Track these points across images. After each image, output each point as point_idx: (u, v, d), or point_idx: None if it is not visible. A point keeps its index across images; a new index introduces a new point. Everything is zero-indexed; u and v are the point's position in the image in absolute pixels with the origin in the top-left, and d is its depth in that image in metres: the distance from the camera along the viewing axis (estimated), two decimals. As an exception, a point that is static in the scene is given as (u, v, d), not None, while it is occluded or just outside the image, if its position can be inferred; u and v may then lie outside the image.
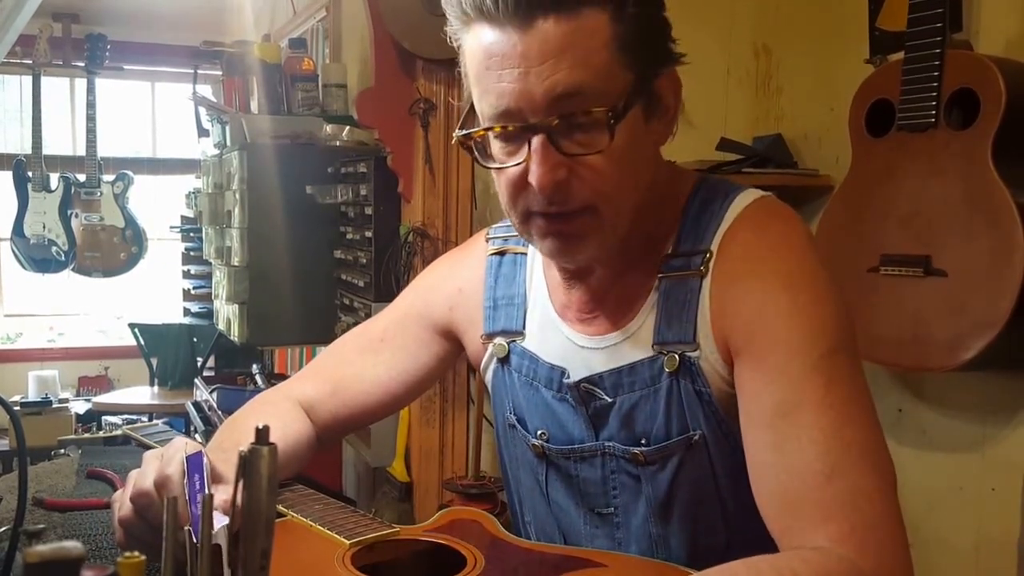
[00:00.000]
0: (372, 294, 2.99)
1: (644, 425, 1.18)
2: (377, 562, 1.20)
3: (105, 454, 1.61)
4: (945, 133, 1.96)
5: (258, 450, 0.83)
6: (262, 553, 0.82)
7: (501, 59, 1.05)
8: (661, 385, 1.16)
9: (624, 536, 1.23)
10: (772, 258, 1.12)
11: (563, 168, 1.06)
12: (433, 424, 2.91)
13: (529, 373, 1.28)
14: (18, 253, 6.04)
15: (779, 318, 1.09)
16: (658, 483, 1.18)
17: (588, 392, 1.21)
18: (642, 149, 1.12)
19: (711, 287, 1.14)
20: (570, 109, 1.04)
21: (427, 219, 2.88)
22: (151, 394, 5.34)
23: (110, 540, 1.23)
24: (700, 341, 1.13)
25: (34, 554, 0.58)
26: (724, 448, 1.14)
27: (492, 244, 1.38)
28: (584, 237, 1.12)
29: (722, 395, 1.13)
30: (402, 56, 2.83)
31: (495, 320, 1.33)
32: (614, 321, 1.21)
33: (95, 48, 5.89)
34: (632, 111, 1.07)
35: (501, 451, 1.40)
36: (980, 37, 2.09)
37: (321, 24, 4.16)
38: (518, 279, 1.34)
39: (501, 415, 1.35)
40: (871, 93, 2.11)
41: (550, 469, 1.28)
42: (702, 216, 1.18)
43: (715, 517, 1.18)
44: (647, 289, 1.19)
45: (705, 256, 1.15)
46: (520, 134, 1.07)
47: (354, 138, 3.30)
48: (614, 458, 1.21)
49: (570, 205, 1.08)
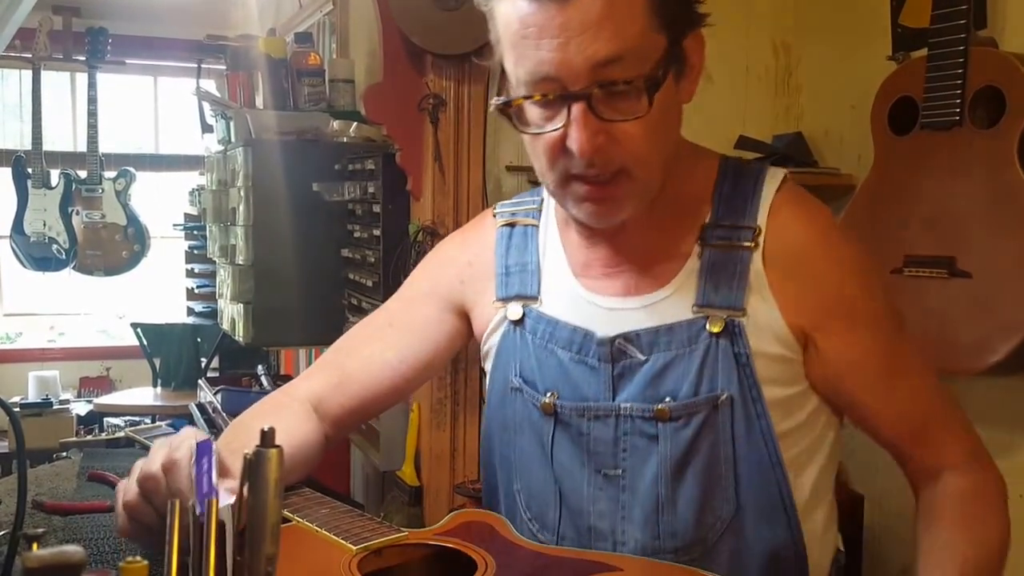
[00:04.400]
0: (380, 294, 2.96)
1: (673, 384, 1.22)
2: (385, 567, 1.19)
3: (107, 457, 1.59)
4: (970, 132, 1.95)
5: (263, 453, 0.81)
6: (268, 559, 0.80)
7: (539, 29, 1.08)
8: (699, 346, 1.21)
9: (629, 499, 1.26)
10: (835, 244, 1.26)
11: (602, 134, 1.11)
12: (444, 427, 2.89)
13: (545, 335, 1.31)
14: (18, 251, 6.03)
15: (860, 298, 1.25)
16: (677, 441, 1.22)
17: (621, 349, 1.25)
18: (672, 109, 1.19)
19: (766, 260, 1.22)
20: (609, 77, 1.09)
21: (437, 217, 2.85)
22: (154, 395, 5.34)
23: (112, 544, 1.22)
24: (749, 308, 1.21)
25: (34, 558, 0.58)
26: (750, 412, 1.21)
27: (500, 217, 1.43)
28: (621, 200, 1.18)
29: (762, 360, 1.21)
30: (411, 51, 2.80)
31: (509, 285, 1.37)
32: (644, 279, 1.26)
33: (96, 42, 5.89)
34: (668, 75, 1.13)
35: (491, 420, 1.41)
36: (1005, 34, 2.07)
37: (328, 18, 4.14)
38: (530, 248, 1.38)
39: (502, 378, 1.37)
40: (894, 91, 2.10)
41: (558, 428, 1.30)
42: (737, 190, 1.26)
43: (727, 483, 1.22)
44: (684, 254, 1.25)
45: (754, 231, 1.22)
46: (559, 101, 1.11)
47: (362, 134, 3.28)
48: (629, 419, 1.24)
49: (608, 167, 1.14)
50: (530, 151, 1.21)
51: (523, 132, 1.18)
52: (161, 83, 6.79)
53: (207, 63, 4.23)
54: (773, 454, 1.22)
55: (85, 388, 6.41)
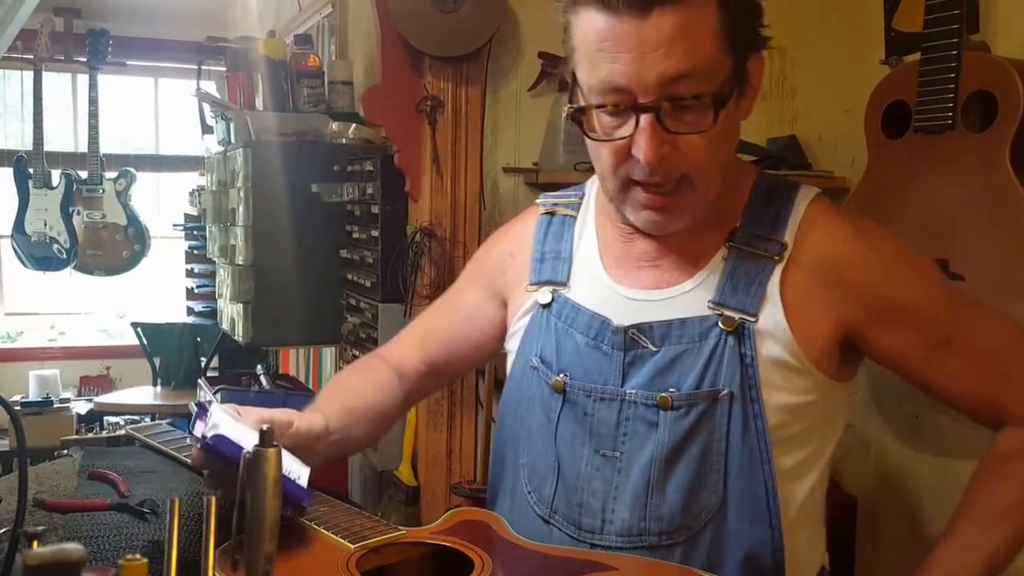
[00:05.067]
0: (378, 294, 2.97)
1: (679, 375, 1.29)
2: (383, 565, 1.20)
3: (107, 455, 1.59)
4: (962, 135, 1.95)
5: (262, 452, 0.82)
6: (267, 557, 0.81)
7: (615, 43, 1.15)
8: (708, 341, 1.28)
9: (622, 480, 1.31)
10: (867, 249, 1.30)
11: (667, 144, 1.19)
12: (440, 427, 2.90)
13: (567, 319, 1.38)
14: (19, 251, 6.02)
15: (903, 295, 1.30)
16: (676, 429, 1.27)
17: (633, 339, 1.31)
18: (732, 125, 1.26)
19: (790, 269, 1.29)
20: (678, 92, 1.16)
21: (434, 218, 2.86)
22: (153, 394, 5.33)
23: (112, 542, 1.23)
24: (761, 315, 1.27)
25: (34, 556, 0.58)
26: (747, 411, 1.26)
27: (542, 207, 1.51)
28: (680, 209, 1.26)
29: (767, 364, 1.27)
30: (409, 53, 2.82)
31: (541, 271, 1.45)
32: (672, 275, 1.33)
33: (97, 43, 5.88)
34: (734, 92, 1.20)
35: (508, 396, 1.48)
36: (998, 39, 2.08)
37: (327, 20, 4.14)
38: (566, 237, 1.46)
39: (524, 358, 1.44)
40: (887, 94, 2.10)
41: (565, 405, 1.36)
42: (770, 202, 1.33)
43: (716, 475, 1.27)
44: (710, 253, 1.32)
45: (781, 246, 1.29)
46: (628, 111, 1.19)
47: (360, 136, 3.28)
48: (634, 405, 1.30)
49: (670, 176, 1.22)
50: (593, 155, 1.29)
51: (590, 138, 1.25)
52: (161, 84, 6.79)
53: (207, 64, 4.24)
54: (764, 454, 1.27)
55: (85, 387, 6.40)
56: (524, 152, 3.06)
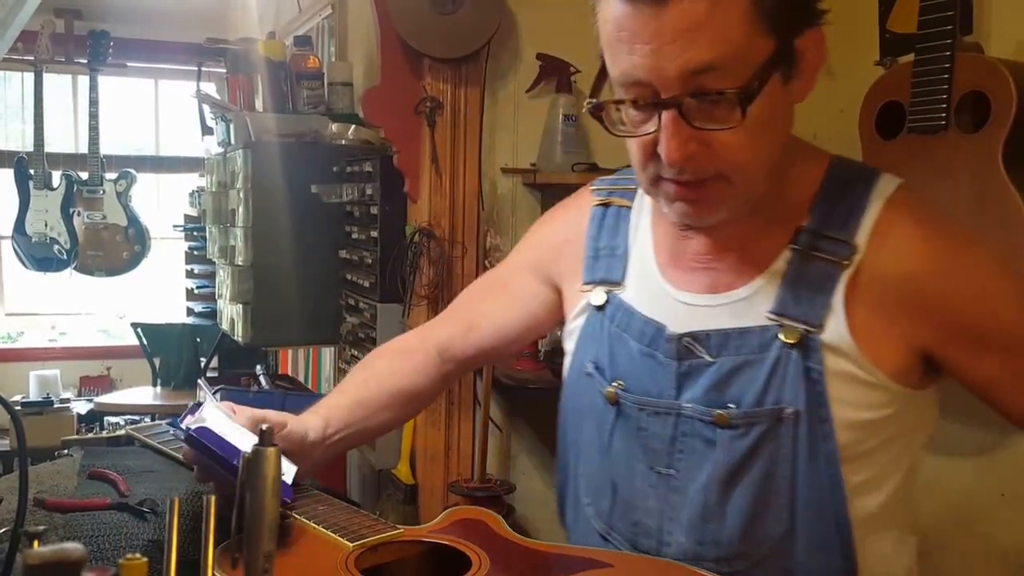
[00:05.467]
0: (377, 294, 2.98)
1: (738, 390, 1.17)
2: (381, 564, 1.20)
3: (108, 455, 1.60)
4: (956, 136, 1.96)
5: (261, 452, 0.82)
6: (266, 556, 0.81)
7: (632, 33, 1.04)
8: (769, 354, 1.15)
9: (679, 500, 1.22)
10: (953, 265, 1.15)
11: (693, 142, 1.07)
12: (439, 426, 2.90)
13: (621, 324, 1.29)
14: (19, 252, 6.03)
15: (1002, 305, 1.15)
16: (734, 449, 1.17)
17: (688, 348, 1.21)
18: (778, 113, 1.11)
19: (860, 278, 1.14)
20: (703, 86, 1.04)
21: (433, 219, 2.87)
22: (153, 395, 5.33)
23: (112, 542, 1.23)
24: (828, 325, 1.14)
25: (35, 555, 0.58)
26: (815, 431, 1.14)
27: (596, 196, 1.40)
28: (714, 203, 1.13)
29: (836, 379, 1.14)
30: (408, 54, 2.82)
31: (595, 269, 1.35)
32: (730, 277, 1.21)
33: (98, 45, 5.88)
34: (771, 80, 1.06)
35: (566, 402, 1.40)
36: (991, 40, 2.09)
37: (327, 22, 4.15)
38: (621, 231, 1.35)
39: (579, 363, 1.35)
40: (881, 95, 2.11)
41: (619, 419, 1.27)
42: (843, 197, 1.17)
43: (781, 502, 1.16)
44: (772, 255, 1.19)
45: (851, 249, 1.14)
46: (651, 106, 1.08)
47: (360, 137, 3.29)
48: (690, 420, 1.20)
49: (700, 175, 1.10)
50: (628, 149, 1.18)
51: (614, 133, 1.15)
52: (162, 86, 6.80)
53: (207, 66, 4.24)
54: (835, 478, 1.16)
55: (86, 387, 6.40)
56: (522, 153, 3.06)
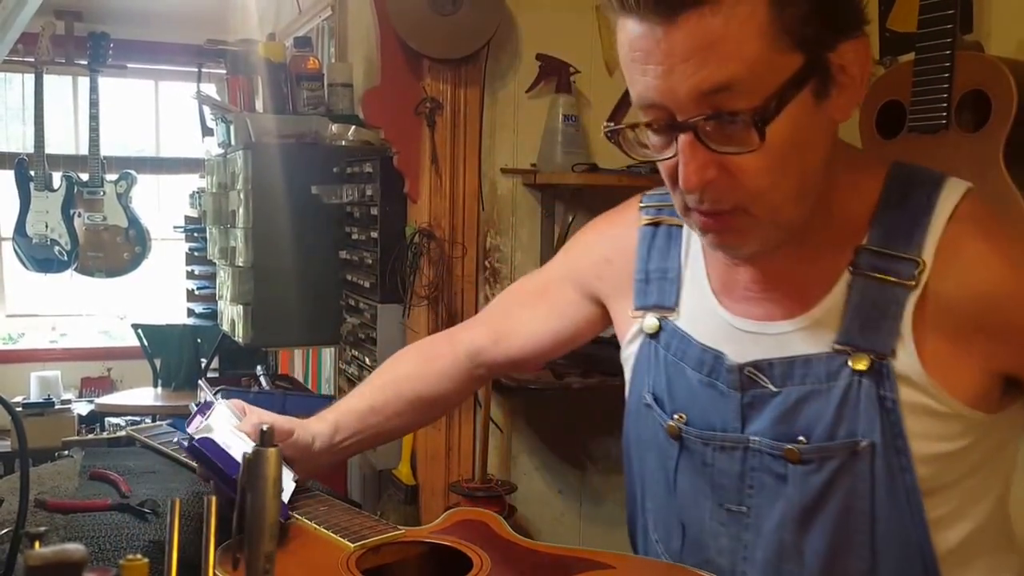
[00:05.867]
0: (378, 295, 2.98)
1: (806, 422, 1.10)
2: (382, 564, 1.20)
3: (108, 456, 1.60)
4: (956, 135, 1.96)
5: (262, 452, 0.82)
6: (267, 556, 0.81)
7: (644, 55, 0.99)
8: (838, 383, 1.08)
9: (752, 539, 1.16)
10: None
11: (712, 167, 0.99)
12: (439, 426, 2.91)
13: (678, 353, 1.22)
14: (20, 253, 6.03)
15: None
16: (808, 486, 1.10)
17: (751, 378, 1.14)
18: (810, 133, 1.02)
19: (927, 301, 1.05)
20: (718, 106, 0.97)
21: (433, 220, 2.87)
22: (154, 395, 5.33)
23: (113, 542, 1.23)
24: (900, 352, 1.06)
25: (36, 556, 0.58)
26: (892, 464, 1.07)
27: (645, 214, 1.32)
28: (742, 233, 1.06)
29: (912, 409, 1.06)
30: (408, 55, 2.83)
31: (647, 294, 1.28)
32: (787, 305, 1.13)
33: (98, 46, 5.88)
34: (796, 99, 0.98)
35: (628, 433, 1.34)
36: (991, 38, 2.08)
37: (327, 23, 4.15)
38: (672, 252, 1.27)
39: (637, 393, 1.29)
40: (882, 94, 2.11)
41: (683, 454, 1.21)
42: (904, 209, 1.08)
43: (862, 537, 1.10)
44: (832, 280, 1.10)
45: (916, 267, 1.05)
46: (668, 129, 1.02)
47: (360, 138, 3.29)
48: (759, 454, 1.14)
49: (722, 205, 1.02)
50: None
51: (633, 158, 1.10)
52: (162, 87, 6.80)
53: (207, 67, 4.25)
54: (917, 513, 1.09)
55: (86, 388, 6.40)
56: (522, 153, 3.07)
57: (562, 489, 3.28)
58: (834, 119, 1.04)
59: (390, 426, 1.47)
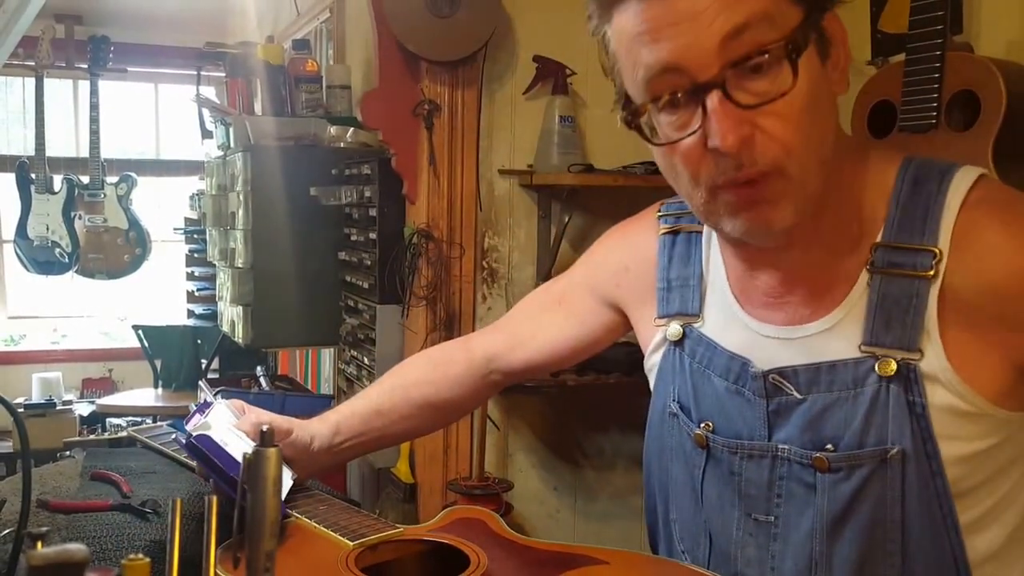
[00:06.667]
0: (376, 296, 2.99)
1: (834, 430, 1.08)
2: (381, 562, 1.21)
3: (110, 456, 1.60)
4: (946, 134, 1.97)
5: (262, 452, 0.84)
6: (267, 555, 0.82)
7: (657, 20, 0.97)
8: (865, 389, 1.06)
9: (780, 549, 1.14)
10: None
11: (746, 124, 0.96)
12: (437, 425, 2.91)
13: (703, 360, 1.21)
14: (21, 255, 6.03)
15: None
16: (837, 495, 1.08)
17: (776, 385, 1.12)
18: (823, 95, 1.01)
19: (947, 292, 1.03)
20: (742, 51, 0.95)
21: (431, 221, 2.88)
22: (155, 396, 5.34)
23: (114, 542, 1.24)
24: (925, 349, 1.04)
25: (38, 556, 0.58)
26: (923, 470, 1.05)
27: (664, 222, 1.30)
28: (776, 202, 1.01)
29: (940, 410, 1.04)
30: (406, 58, 2.83)
31: (669, 302, 1.27)
32: (807, 309, 1.12)
33: (98, 50, 5.88)
34: (809, 49, 0.98)
35: (651, 442, 1.32)
36: (981, 39, 2.10)
37: (325, 25, 4.16)
38: (693, 259, 1.26)
39: (661, 402, 1.28)
40: (873, 95, 2.12)
41: (709, 463, 1.20)
42: (916, 200, 1.06)
43: (893, 545, 1.07)
44: (851, 279, 1.08)
45: (933, 257, 1.03)
46: (689, 100, 0.98)
47: (358, 140, 3.30)
48: (787, 462, 1.12)
49: (759, 165, 0.98)
50: (668, 172, 1.08)
51: (654, 144, 1.05)
52: (162, 90, 6.79)
53: (207, 70, 4.26)
54: (949, 517, 1.06)
55: (88, 389, 6.40)
56: (519, 154, 3.08)
57: (557, 486, 3.29)
58: (833, 90, 1.04)
59: (395, 429, 1.47)
